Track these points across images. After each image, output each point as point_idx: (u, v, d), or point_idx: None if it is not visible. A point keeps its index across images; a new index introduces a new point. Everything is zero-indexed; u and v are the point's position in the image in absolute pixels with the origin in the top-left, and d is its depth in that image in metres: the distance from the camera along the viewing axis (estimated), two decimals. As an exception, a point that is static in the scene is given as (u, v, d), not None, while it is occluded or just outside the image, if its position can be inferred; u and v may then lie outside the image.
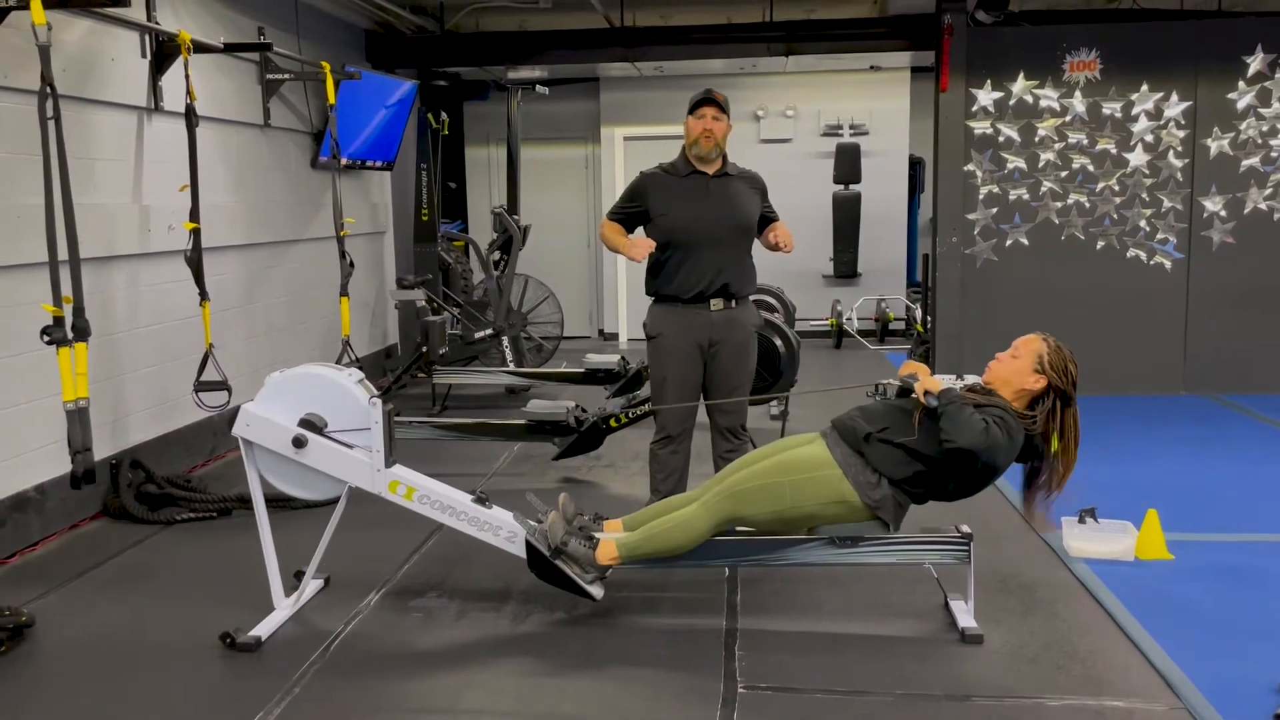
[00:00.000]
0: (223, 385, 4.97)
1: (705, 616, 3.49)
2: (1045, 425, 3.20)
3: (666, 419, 4.13)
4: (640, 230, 4.22)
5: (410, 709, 2.91)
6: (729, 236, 4.06)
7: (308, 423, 3.40)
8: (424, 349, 7.18)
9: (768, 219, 4.24)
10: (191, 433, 5.43)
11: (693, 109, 4.09)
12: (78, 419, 3.71)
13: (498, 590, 3.73)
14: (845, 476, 3.22)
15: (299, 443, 3.38)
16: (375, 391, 3.48)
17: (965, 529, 3.38)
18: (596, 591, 3.38)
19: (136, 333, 5.01)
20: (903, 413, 3.26)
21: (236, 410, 3.46)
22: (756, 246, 4.22)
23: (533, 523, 3.42)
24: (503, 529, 3.44)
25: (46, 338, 3.70)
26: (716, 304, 4.05)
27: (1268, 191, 6.97)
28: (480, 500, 3.46)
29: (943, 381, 3.23)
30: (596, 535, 3.40)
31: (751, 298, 4.24)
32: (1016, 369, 3.24)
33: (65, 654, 3.30)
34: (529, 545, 3.38)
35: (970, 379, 3.44)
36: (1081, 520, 4.08)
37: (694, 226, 4.02)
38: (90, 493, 4.47)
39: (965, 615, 3.37)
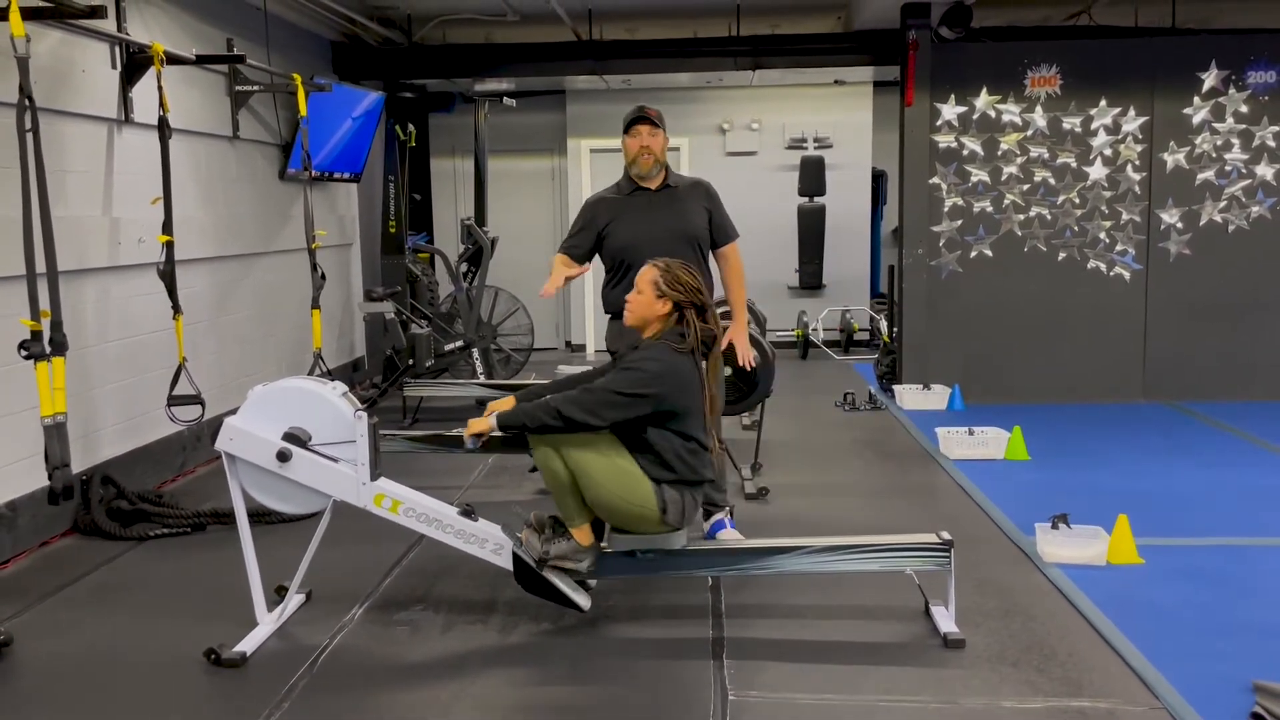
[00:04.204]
0: (196, 399, 4.91)
1: (691, 625, 3.51)
2: (695, 340, 3.35)
3: None
4: (597, 257, 4.26)
5: (402, 722, 2.91)
6: (675, 249, 4.04)
7: (292, 436, 3.39)
8: (410, 361, 7.15)
9: (723, 231, 4.25)
10: (162, 448, 5.36)
11: (627, 128, 4.14)
12: (56, 434, 3.66)
13: (482, 602, 3.73)
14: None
15: (283, 456, 3.36)
16: (360, 405, 3.48)
17: (946, 535, 3.44)
18: (583, 602, 3.39)
19: (106, 347, 4.94)
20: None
21: (207, 425, 3.44)
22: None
23: (518, 535, 3.43)
24: (489, 541, 3.44)
25: (24, 352, 3.65)
26: None
27: (1222, 204, 7.15)
28: (466, 513, 3.46)
29: (490, 418, 3.34)
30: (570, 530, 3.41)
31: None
32: (644, 303, 3.40)
33: (46, 672, 3.25)
34: (516, 557, 3.39)
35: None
36: (1054, 526, 4.15)
37: (640, 243, 4.04)
38: (61, 509, 4.41)
39: (946, 620, 3.43)
